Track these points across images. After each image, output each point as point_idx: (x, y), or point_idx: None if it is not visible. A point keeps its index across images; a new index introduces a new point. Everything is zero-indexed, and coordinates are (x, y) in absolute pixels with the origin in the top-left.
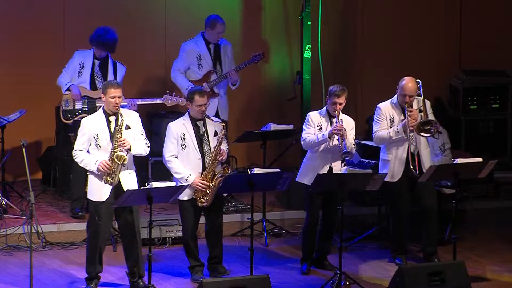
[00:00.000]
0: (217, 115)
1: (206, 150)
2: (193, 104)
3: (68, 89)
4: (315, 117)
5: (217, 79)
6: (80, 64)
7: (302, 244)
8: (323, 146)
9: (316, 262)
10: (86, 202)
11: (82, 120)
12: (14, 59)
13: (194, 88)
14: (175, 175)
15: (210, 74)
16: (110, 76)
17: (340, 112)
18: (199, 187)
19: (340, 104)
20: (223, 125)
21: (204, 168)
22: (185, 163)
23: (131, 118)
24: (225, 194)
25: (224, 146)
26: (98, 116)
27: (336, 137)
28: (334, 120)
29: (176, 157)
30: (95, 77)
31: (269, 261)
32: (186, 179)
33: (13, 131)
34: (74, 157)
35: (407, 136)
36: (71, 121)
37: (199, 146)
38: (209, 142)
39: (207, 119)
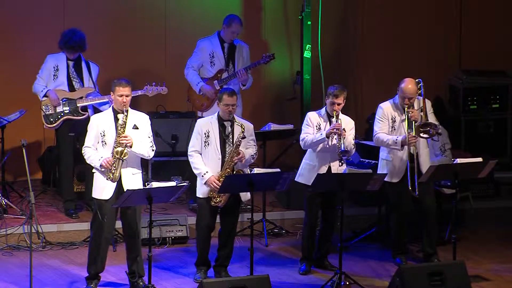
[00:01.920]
0: None
1: (229, 151)
2: (221, 103)
3: (45, 95)
4: (314, 117)
5: (228, 78)
6: (54, 67)
7: (301, 243)
8: (321, 145)
9: (316, 262)
10: (87, 201)
11: (91, 117)
12: (14, 59)
13: (224, 89)
14: (194, 170)
15: (222, 72)
16: (86, 76)
17: (340, 112)
18: (213, 186)
19: (339, 104)
20: (243, 128)
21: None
22: (206, 160)
23: (141, 120)
24: (243, 199)
25: (250, 150)
26: (107, 114)
27: (335, 136)
28: (333, 120)
29: (200, 153)
30: (72, 78)
31: (269, 261)
32: (203, 176)
33: (13, 131)
34: (83, 154)
35: (402, 149)
36: (54, 124)
37: (221, 146)
38: (232, 143)
39: (235, 121)
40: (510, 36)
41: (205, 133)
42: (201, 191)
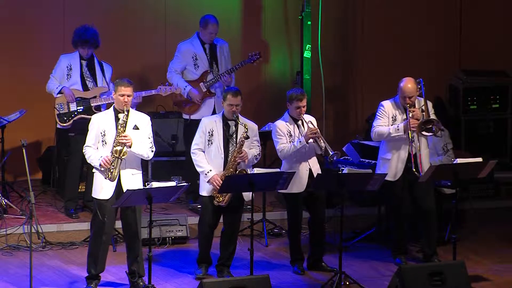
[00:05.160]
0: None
1: (232, 150)
2: (226, 102)
3: (60, 92)
4: (282, 126)
5: (214, 79)
6: (67, 67)
7: (289, 246)
8: (297, 152)
9: (312, 264)
10: (85, 201)
11: (92, 117)
12: (14, 59)
13: (229, 88)
14: (197, 168)
15: (207, 74)
16: (99, 76)
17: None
18: (216, 185)
19: (304, 106)
20: (246, 128)
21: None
22: (209, 159)
23: (141, 120)
24: (246, 198)
25: (253, 151)
26: (108, 113)
27: (312, 140)
28: (299, 123)
29: (203, 151)
30: (85, 78)
31: (269, 261)
32: (206, 174)
33: (13, 131)
34: (84, 153)
35: (406, 136)
36: (67, 123)
37: (224, 145)
38: (236, 143)
39: (239, 121)
40: (510, 36)
41: (209, 132)
42: (204, 189)
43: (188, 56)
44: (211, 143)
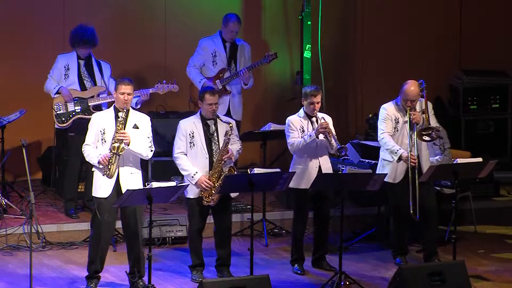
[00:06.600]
0: (228, 113)
1: (215, 149)
2: (204, 102)
3: (57, 92)
4: (295, 121)
5: (230, 77)
6: (65, 67)
7: (291, 244)
8: (308, 148)
9: (314, 262)
10: (85, 201)
11: (92, 115)
12: (14, 59)
13: (205, 88)
14: (182, 172)
15: (224, 72)
16: (97, 75)
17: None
18: (204, 186)
19: (318, 103)
20: (230, 126)
21: (211, 167)
22: (193, 161)
23: (141, 120)
24: (233, 195)
25: (235, 146)
26: (108, 112)
27: (322, 135)
28: (313, 119)
29: (185, 154)
30: (83, 78)
31: (269, 261)
32: (192, 177)
33: (13, 131)
34: (82, 152)
35: (398, 162)
36: (65, 124)
37: (207, 145)
38: (218, 142)
39: (218, 119)
40: (510, 36)
41: (189, 134)
42: (192, 192)
43: (208, 52)
44: (193, 144)
